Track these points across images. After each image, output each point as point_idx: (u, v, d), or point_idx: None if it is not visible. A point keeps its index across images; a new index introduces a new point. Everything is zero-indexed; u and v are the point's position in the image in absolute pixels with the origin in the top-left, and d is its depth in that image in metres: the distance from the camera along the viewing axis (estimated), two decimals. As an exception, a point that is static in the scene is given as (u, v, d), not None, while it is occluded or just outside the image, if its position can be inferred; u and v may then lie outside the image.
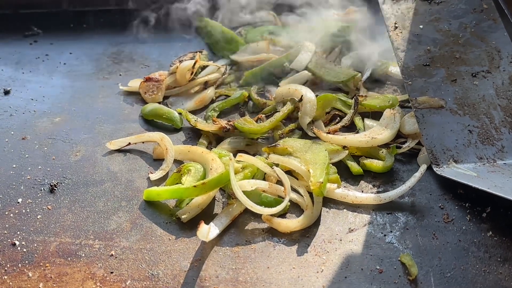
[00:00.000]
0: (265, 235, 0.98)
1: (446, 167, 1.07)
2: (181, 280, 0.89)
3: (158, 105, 1.31)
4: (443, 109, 1.14)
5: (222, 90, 1.38)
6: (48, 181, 1.09)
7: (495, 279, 0.89)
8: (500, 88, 1.17)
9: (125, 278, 0.89)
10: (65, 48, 1.60)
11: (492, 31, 1.23)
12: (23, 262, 0.91)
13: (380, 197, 1.03)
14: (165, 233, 0.98)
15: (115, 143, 1.19)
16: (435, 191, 1.07)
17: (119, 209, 1.03)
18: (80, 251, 0.93)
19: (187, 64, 1.37)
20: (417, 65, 1.19)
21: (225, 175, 0.99)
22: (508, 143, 1.10)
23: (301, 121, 1.22)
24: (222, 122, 1.20)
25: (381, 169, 1.11)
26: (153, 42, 1.63)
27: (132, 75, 1.47)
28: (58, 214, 1.01)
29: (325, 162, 1.03)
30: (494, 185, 0.98)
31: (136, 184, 1.09)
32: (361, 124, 1.22)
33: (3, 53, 1.57)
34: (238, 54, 1.48)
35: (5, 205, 1.03)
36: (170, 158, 1.12)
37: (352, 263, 0.92)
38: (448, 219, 1.00)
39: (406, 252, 0.93)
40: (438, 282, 0.88)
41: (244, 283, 0.88)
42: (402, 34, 1.22)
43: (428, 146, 1.10)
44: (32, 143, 1.20)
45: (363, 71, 1.39)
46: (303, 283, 0.88)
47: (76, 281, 0.88)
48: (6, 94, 1.38)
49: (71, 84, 1.43)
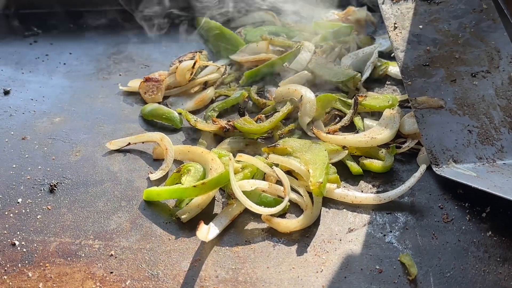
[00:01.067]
0: (264, 235, 0.98)
1: (445, 167, 1.07)
2: (180, 280, 0.89)
3: (158, 105, 1.31)
4: (442, 109, 1.14)
5: (222, 90, 1.39)
6: (48, 181, 1.09)
7: (495, 279, 0.89)
8: (499, 88, 1.17)
9: (125, 278, 0.89)
10: (65, 48, 1.60)
11: (491, 31, 1.23)
12: (23, 262, 0.91)
13: (380, 197, 1.03)
14: (165, 233, 0.98)
15: (115, 143, 1.19)
16: (435, 191, 1.07)
17: (119, 209, 1.03)
18: (80, 251, 0.93)
19: (187, 64, 1.37)
20: (417, 65, 1.19)
21: (224, 175, 0.99)
22: (507, 143, 1.10)
23: (300, 121, 1.22)
24: (222, 122, 1.21)
25: (380, 169, 1.11)
26: (153, 42, 1.63)
27: (132, 75, 1.47)
28: (58, 214, 1.01)
29: (325, 162, 1.03)
30: (494, 185, 0.98)
31: (136, 184, 1.09)
32: (360, 124, 1.22)
33: (3, 53, 1.57)
34: (238, 54, 1.48)
35: (5, 205, 1.03)
36: (170, 158, 1.12)
37: (352, 263, 0.92)
38: (448, 219, 1.01)
39: (405, 252, 0.94)
40: (438, 282, 0.89)
41: (243, 283, 0.89)
42: (401, 34, 1.22)
43: (427, 146, 1.10)
44: (32, 143, 1.20)
45: (363, 71, 1.39)
46: (303, 283, 0.88)
47: (76, 281, 0.88)
48: (6, 94, 1.38)
49: (71, 84, 1.43)
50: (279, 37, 1.49)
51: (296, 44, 1.43)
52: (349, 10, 1.60)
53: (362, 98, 1.25)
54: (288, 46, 1.45)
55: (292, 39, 1.50)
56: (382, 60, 1.43)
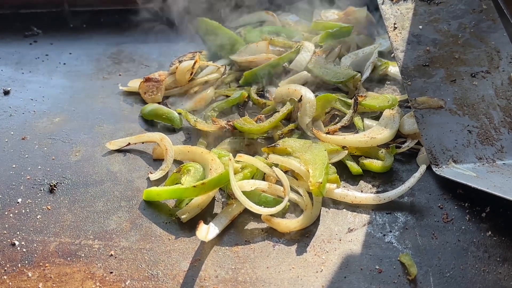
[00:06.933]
0: (264, 235, 0.98)
1: (445, 167, 1.07)
2: (180, 280, 0.89)
3: (157, 105, 1.31)
4: (442, 109, 1.14)
5: (222, 90, 1.38)
6: (47, 181, 1.09)
7: (494, 278, 0.89)
8: (499, 88, 1.17)
9: (124, 278, 0.89)
10: (65, 48, 1.60)
11: (491, 31, 1.23)
12: (23, 262, 0.91)
13: (380, 197, 1.03)
14: (165, 233, 0.98)
15: (114, 143, 1.19)
16: (435, 191, 1.07)
17: (119, 209, 1.03)
18: (80, 251, 0.93)
19: (186, 64, 1.37)
20: (417, 65, 1.19)
21: (224, 175, 0.99)
22: (507, 143, 1.10)
23: (300, 121, 1.22)
24: (221, 122, 1.21)
25: (380, 169, 1.11)
26: (153, 42, 1.63)
27: (132, 75, 1.47)
28: (58, 214, 1.01)
29: (325, 162, 1.03)
30: (494, 185, 0.98)
31: (136, 184, 1.09)
32: (360, 124, 1.22)
33: (3, 53, 1.57)
34: (238, 54, 1.47)
35: (5, 205, 1.03)
36: (170, 158, 1.12)
37: (352, 263, 0.92)
38: (448, 219, 1.01)
39: (405, 252, 0.94)
40: (438, 282, 0.89)
41: (243, 283, 0.89)
42: (401, 35, 1.22)
43: (427, 146, 1.10)
44: (32, 143, 1.20)
45: (363, 71, 1.39)
46: (303, 283, 0.89)
47: (76, 281, 0.88)
48: (6, 94, 1.38)
49: (71, 84, 1.43)
50: (279, 37, 1.49)
51: (296, 44, 1.43)
52: (349, 10, 1.60)
53: (362, 98, 1.25)
54: (288, 46, 1.45)
55: (292, 39, 1.50)
56: (382, 60, 1.42)
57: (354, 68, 1.39)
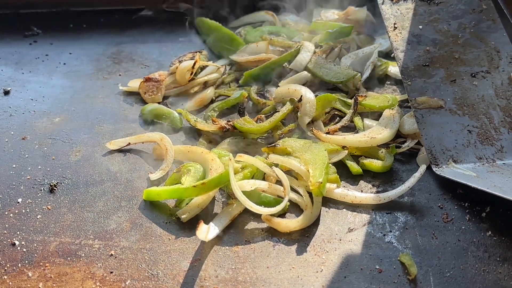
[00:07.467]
0: (264, 235, 0.98)
1: (445, 167, 1.07)
2: (180, 280, 0.89)
3: (158, 105, 1.31)
4: (442, 109, 1.14)
5: (222, 90, 1.39)
6: (48, 181, 1.09)
7: (494, 278, 0.89)
8: (499, 88, 1.17)
9: (124, 278, 0.89)
10: (65, 48, 1.60)
11: (491, 31, 1.23)
12: (23, 262, 0.91)
13: (380, 197, 1.03)
14: (165, 233, 0.98)
15: (115, 143, 1.19)
16: (435, 191, 1.07)
17: (119, 209, 1.03)
18: (80, 251, 0.93)
19: (186, 64, 1.37)
20: (417, 65, 1.19)
21: (224, 175, 0.99)
22: (507, 143, 1.10)
23: (300, 121, 1.22)
24: (221, 122, 1.21)
25: (380, 169, 1.11)
26: (153, 42, 1.63)
27: (132, 75, 1.47)
28: (58, 214, 1.01)
29: (325, 162, 1.03)
30: (494, 185, 0.98)
31: (136, 184, 1.09)
32: (360, 124, 1.22)
33: (3, 53, 1.57)
34: (238, 54, 1.47)
35: (5, 205, 1.03)
36: (170, 158, 1.12)
37: (352, 262, 0.92)
38: (448, 219, 1.01)
39: (405, 252, 0.94)
40: (438, 282, 0.89)
41: (243, 283, 0.89)
42: (401, 35, 1.22)
43: (427, 146, 1.10)
44: (32, 143, 1.20)
45: (363, 71, 1.39)
46: (303, 282, 0.89)
47: (76, 281, 0.88)
48: (6, 94, 1.38)
49: (71, 84, 1.43)
50: (279, 37, 1.49)
51: (296, 44, 1.43)
52: (349, 10, 1.60)
53: (362, 98, 1.25)
54: (288, 46, 1.45)
55: (292, 39, 1.50)
56: (382, 60, 1.43)
57: (354, 68, 1.39)
